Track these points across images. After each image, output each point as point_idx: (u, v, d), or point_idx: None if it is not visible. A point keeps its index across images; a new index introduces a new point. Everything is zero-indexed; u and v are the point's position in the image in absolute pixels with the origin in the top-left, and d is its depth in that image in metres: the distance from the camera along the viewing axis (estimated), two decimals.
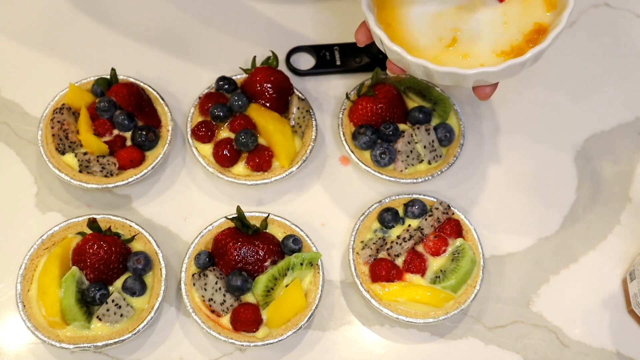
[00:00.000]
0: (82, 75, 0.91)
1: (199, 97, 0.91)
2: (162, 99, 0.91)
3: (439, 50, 0.75)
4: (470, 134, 0.94)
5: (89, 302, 0.77)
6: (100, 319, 0.77)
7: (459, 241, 0.83)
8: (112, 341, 0.76)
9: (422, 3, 0.77)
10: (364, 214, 0.85)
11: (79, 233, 0.81)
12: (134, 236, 0.82)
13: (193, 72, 0.96)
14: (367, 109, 0.89)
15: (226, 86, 0.90)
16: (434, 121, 0.90)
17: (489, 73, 0.72)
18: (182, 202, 0.89)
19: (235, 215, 0.81)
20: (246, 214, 0.82)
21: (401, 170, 0.88)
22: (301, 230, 0.84)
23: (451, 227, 0.84)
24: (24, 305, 0.78)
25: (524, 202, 0.91)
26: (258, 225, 0.82)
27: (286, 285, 0.79)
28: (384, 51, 0.76)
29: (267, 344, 0.77)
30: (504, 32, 0.75)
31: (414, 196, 0.87)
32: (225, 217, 0.83)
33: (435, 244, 0.82)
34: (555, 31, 0.72)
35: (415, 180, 0.88)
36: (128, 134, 0.87)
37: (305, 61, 0.99)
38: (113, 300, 0.77)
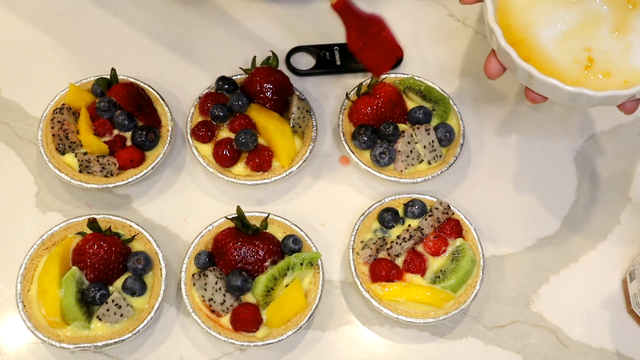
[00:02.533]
0: (82, 75, 0.91)
1: (199, 97, 0.91)
2: (162, 99, 0.91)
3: (580, 74, 0.75)
4: (470, 134, 0.95)
5: (89, 302, 0.77)
6: (100, 319, 0.77)
7: (459, 241, 0.83)
8: (112, 341, 0.76)
9: (543, 29, 0.76)
10: (364, 214, 0.85)
11: (79, 233, 0.81)
12: (134, 236, 0.82)
13: (193, 72, 0.96)
14: (367, 109, 0.89)
15: (226, 86, 0.90)
16: (434, 121, 0.90)
17: None
18: (182, 202, 0.89)
19: (235, 215, 0.81)
20: (246, 214, 0.82)
21: (401, 170, 0.88)
22: (301, 230, 0.84)
23: (451, 227, 0.84)
24: (24, 305, 0.78)
25: (524, 202, 0.91)
26: (258, 225, 0.82)
27: (286, 285, 0.79)
28: (527, 84, 0.75)
29: (267, 344, 0.77)
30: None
31: (414, 196, 0.87)
32: (225, 217, 0.83)
33: (435, 244, 0.82)
34: None
35: (415, 180, 0.88)
36: (128, 134, 0.87)
37: (305, 61, 0.99)
38: (113, 300, 0.77)
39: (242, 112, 0.88)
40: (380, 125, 0.88)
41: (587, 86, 0.73)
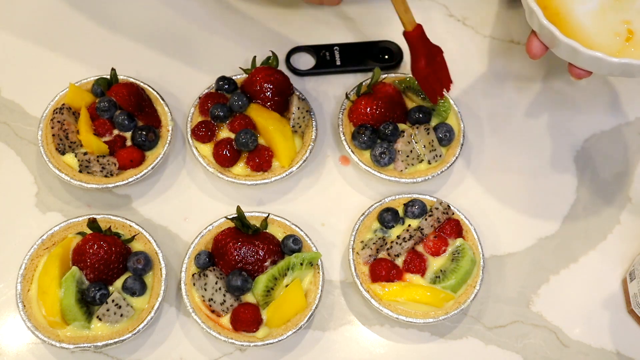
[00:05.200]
0: (82, 75, 0.91)
1: (199, 97, 0.91)
2: (162, 99, 0.91)
3: (621, 46, 0.76)
4: (470, 134, 0.95)
5: (89, 302, 0.77)
6: (100, 319, 0.77)
7: (458, 241, 0.83)
8: (112, 341, 0.76)
9: (584, 2, 0.78)
10: (364, 214, 0.85)
11: (79, 233, 0.81)
12: (134, 236, 0.82)
13: (193, 72, 0.96)
14: (367, 109, 0.89)
15: (226, 86, 0.90)
16: (434, 121, 0.91)
17: None
18: (182, 202, 0.89)
19: (235, 215, 0.81)
20: (246, 214, 0.82)
21: (401, 170, 0.88)
22: (301, 230, 0.84)
23: (451, 227, 0.84)
24: (24, 305, 0.78)
25: (524, 202, 0.91)
26: (258, 225, 0.82)
27: (286, 285, 0.79)
28: (569, 59, 0.76)
29: (267, 344, 0.77)
30: None
31: (414, 196, 0.87)
32: (225, 217, 0.83)
33: (435, 244, 0.82)
34: None
35: (415, 180, 0.88)
36: (128, 134, 0.87)
37: (305, 61, 0.99)
38: (113, 300, 0.77)
39: (242, 112, 0.88)
40: (380, 125, 0.88)
41: (631, 56, 0.74)
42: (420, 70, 0.85)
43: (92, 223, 0.80)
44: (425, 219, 0.84)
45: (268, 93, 0.88)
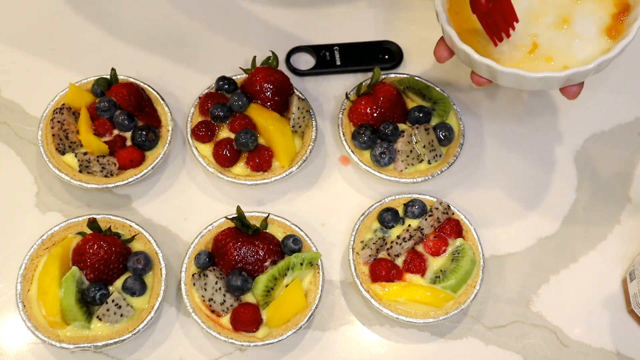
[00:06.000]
0: (82, 75, 0.91)
1: (199, 97, 0.91)
2: (162, 99, 0.91)
3: (522, 57, 0.77)
4: (470, 134, 0.95)
5: (89, 302, 0.77)
6: (100, 319, 0.77)
7: (459, 241, 0.83)
8: (112, 341, 0.76)
9: None
10: (364, 214, 0.85)
11: (79, 233, 0.81)
12: (134, 236, 0.82)
13: (193, 72, 0.96)
14: (367, 109, 0.89)
15: (226, 86, 0.90)
16: (434, 121, 0.91)
17: (579, 73, 0.74)
18: (182, 202, 0.89)
19: (235, 215, 0.81)
20: (246, 214, 0.82)
21: (401, 170, 0.88)
22: (301, 230, 0.84)
23: (451, 227, 0.84)
24: (24, 305, 0.78)
25: (524, 202, 0.91)
26: (258, 225, 0.82)
27: (286, 285, 0.79)
28: (467, 65, 0.78)
29: (267, 344, 0.77)
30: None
31: (414, 196, 0.87)
32: (225, 217, 0.83)
33: (435, 244, 0.82)
34: (637, 24, 0.74)
35: (415, 180, 0.88)
36: (128, 134, 0.87)
37: (305, 61, 0.99)
38: (113, 300, 0.77)
39: (242, 112, 0.88)
40: (380, 125, 0.88)
41: (525, 68, 0.76)
42: (479, 6, 0.76)
43: (92, 223, 0.80)
44: (425, 219, 0.84)
45: (268, 93, 0.88)
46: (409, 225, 0.84)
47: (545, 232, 0.89)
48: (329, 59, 0.98)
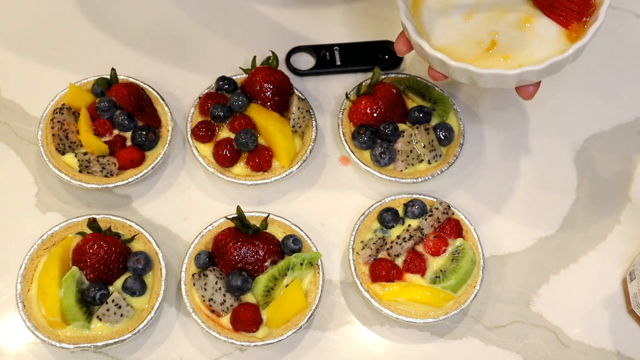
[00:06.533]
0: (82, 75, 0.91)
1: (199, 97, 0.91)
2: (162, 99, 0.91)
3: (479, 54, 0.77)
4: (470, 134, 0.95)
5: (89, 302, 0.77)
6: (100, 319, 0.77)
7: (459, 241, 0.83)
8: (112, 341, 0.76)
9: (455, 10, 0.79)
10: (364, 214, 0.85)
11: (79, 233, 0.81)
12: (134, 236, 0.82)
13: (193, 72, 0.96)
14: (367, 109, 0.89)
15: (226, 86, 0.90)
16: (434, 121, 0.91)
17: (531, 72, 0.73)
18: (182, 202, 0.89)
19: (235, 215, 0.81)
20: (246, 214, 0.82)
21: (401, 170, 0.88)
22: (301, 230, 0.84)
23: (451, 227, 0.84)
24: (24, 305, 0.78)
25: (524, 202, 0.91)
26: (258, 225, 0.82)
27: (286, 285, 0.79)
28: (424, 59, 0.78)
29: (267, 344, 0.77)
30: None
31: (414, 196, 0.87)
32: (225, 217, 0.83)
33: (435, 244, 0.82)
34: (594, 26, 0.74)
35: (415, 180, 0.88)
36: (128, 134, 0.87)
37: (305, 61, 0.99)
38: (113, 300, 0.77)
39: (242, 112, 0.88)
40: (380, 125, 0.88)
41: (477, 64, 0.75)
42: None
43: (92, 223, 0.80)
44: (425, 219, 0.84)
45: (268, 93, 0.88)
46: (409, 225, 0.84)
47: (545, 232, 0.89)
48: (329, 59, 0.98)
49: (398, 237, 0.83)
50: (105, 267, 0.78)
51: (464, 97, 0.97)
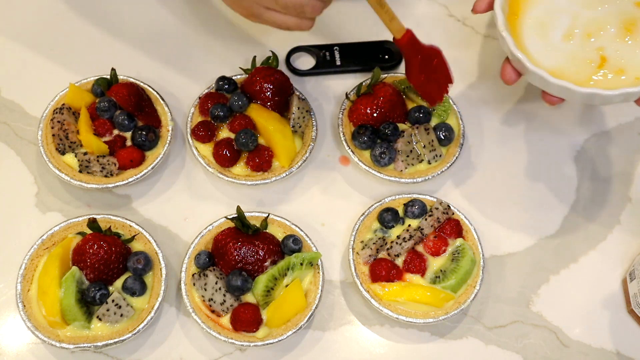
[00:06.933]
0: (82, 75, 0.91)
1: (199, 97, 0.91)
2: (162, 99, 0.91)
3: (593, 72, 0.77)
4: (470, 134, 0.95)
5: (89, 302, 0.77)
6: (100, 319, 0.77)
7: (459, 241, 0.83)
8: (112, 341, 0.76)
9: (553, 31, 0.79)
10: (364, 214, 0.85)
11: (79, 233, 0.81)
12: (134, 236, 0.82)
13: (193, 72, 0.96)
14: (367, 108, 0.89)
15: (226, 86, 0.90)
16: (434, 121, 0.90)
17: None
18: (182, 202, 0.89)
19: (235, 215, 0.81)
20: (246, 214, 0.82)
21: (401, 170, 0.88)
22: (301, 230, 0.84)
23: (451, 227, 0.84)
24: (24, 305, 0.78)
25: (524, 202, 0.91)
26: (258, 225, 0.82)
27: (286, 285, 0.79)
28: (541, 87, 0.78)
29: (267, 344, 0.77)
30: None
31: (414, 196, 0.87)
32: (225, 217, 0.83)
33: (435, 244, 0.82)
34: None
35: (415, 180, 0.88)
36: (128, 134, 0.87)
37: (305, 61, 0.99)
38: (113, 300, 0.77)
39: (242, 112, 0.88)
40: (380, 125, 0.88)
41: (599, 85, 0.76)
42: (414, 77, 0.85)
43: (92, 223, 0.80)
44: (425, 219, 0.84)
45: (268, 93, 0.88)
46: (409, 225, 0.84)
47: (545, 232, 0.89)
48: (329, 59, 0.98)
49: (398, 237, 0.83)
50: (105, 267, 0.78)
51: (464, 97, 0.97)
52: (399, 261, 0.82)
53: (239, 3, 0.82)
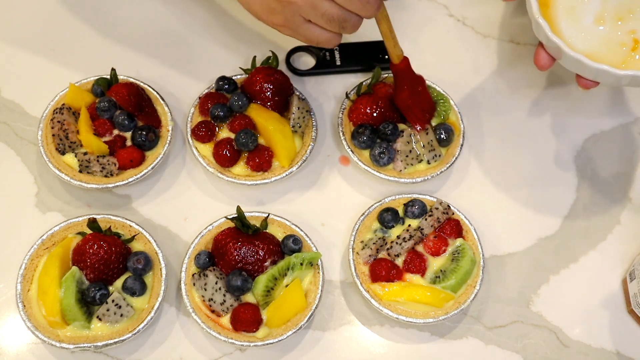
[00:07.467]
0: (82, 75, 0.91)
1: (199, 97, 0.91)
2: (162, 99, 0.91)
3: (627, 56, 0.78)
4: (470, 134, 0.95)
5: (89, 302, 0.77)
6: (100, 319, 0.77)
7: (458, 241, 0.83)
8: (112, 341, 0.76)
9: (584, 15, 0.80)
10: (363, 214, 0.85)
11: (79, 233, 0.81)
12: (134, 236, 0.82)
13: (193, 72, 0.96)
14: (367, 108, 0.89)
15: (226, 86, 0.90)
16: (434, 121, 0.91)
17: None
18: (182, 202, 0.89)
19: (235, 215, 0.81)
20: (246, 214, 0.82)
21: (400, 170, 0.88)
22: (301, 230, 0.84)
23: (451, 227, 0.84)
24: (24, 305, 0.78)
25: (524, 202, 0.91)
26: (258, 225, 0.82)
27: (286, 285, 0.79)
28: (577, 72, 0.78)
29: (267, 344, 0.77)
30: None
31: (414, 196, 0.87)
32: (225, 217, 0.83)
33: (435, 244, 0.82)
34: None
35: (414, 180, 0.88)
36: (128, 134, 0.87)
37: (305, 61, 0.99)
38: (113, 300, 0.77)
39: (242, 112, 0.88)
40: (379, 125, 0.88)
41: (633, 67, 0.77)
42: (403, 100, 0.87)
43: (92, 223, 0.80)
44: (425, 219, 0.84)
45: (268, 93, 0.88)
46: (409, 225, 0.84)
47: (545, 232, 0.89)
48: (329, 59, 0.98)
49: (398, 237, 0.83)
50: (105, 267, 0.78)
51: (464, 97, 0.97)
52: (399, 261, 0.82)
53: (276, 13, 0.78)
